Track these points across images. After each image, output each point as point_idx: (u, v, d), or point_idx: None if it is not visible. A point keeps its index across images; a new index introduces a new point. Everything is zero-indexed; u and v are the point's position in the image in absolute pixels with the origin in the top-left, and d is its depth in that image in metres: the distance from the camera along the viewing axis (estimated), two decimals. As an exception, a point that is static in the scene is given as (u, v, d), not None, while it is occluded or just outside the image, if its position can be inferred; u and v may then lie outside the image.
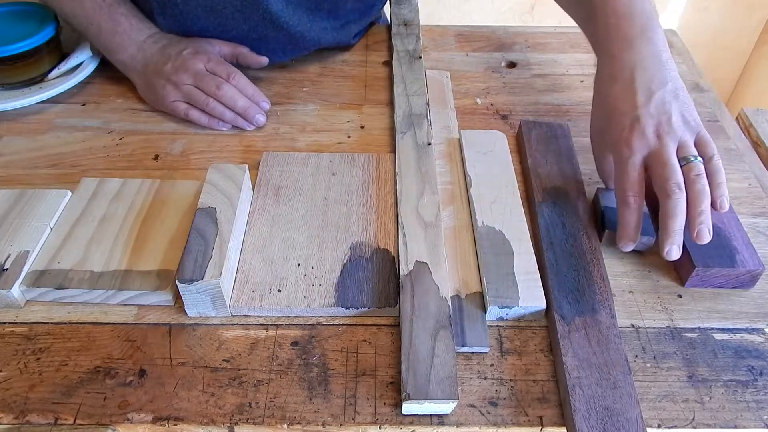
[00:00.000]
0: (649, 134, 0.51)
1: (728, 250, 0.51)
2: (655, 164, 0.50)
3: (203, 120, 0.67)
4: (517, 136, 0.66)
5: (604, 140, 0.56)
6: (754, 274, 0.50)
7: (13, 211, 0.54)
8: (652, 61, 0.54)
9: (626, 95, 0.53)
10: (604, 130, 0.56)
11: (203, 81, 0.66)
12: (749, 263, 0.50)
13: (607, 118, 0.55)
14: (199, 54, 0.67)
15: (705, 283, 0.51)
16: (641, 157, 0.51)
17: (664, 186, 0.48)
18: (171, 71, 0.66)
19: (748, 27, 1.59)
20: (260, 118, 0.67)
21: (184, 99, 0.67)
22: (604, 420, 0.41)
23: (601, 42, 0.58)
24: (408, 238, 0.52)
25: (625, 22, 0.56)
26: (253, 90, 0.67)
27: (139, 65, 0.69)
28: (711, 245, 0.51)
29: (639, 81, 0.53)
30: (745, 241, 0.52)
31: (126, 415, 0.42)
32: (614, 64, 0.55)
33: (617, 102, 0.54)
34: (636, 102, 0.52)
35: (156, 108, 0.70)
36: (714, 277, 0.51)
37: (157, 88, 0.67)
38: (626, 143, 0.51)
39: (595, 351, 0.45)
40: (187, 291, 0.46)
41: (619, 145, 0.52)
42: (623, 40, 0.55)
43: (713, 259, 0.50)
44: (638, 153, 0.51)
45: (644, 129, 0.51)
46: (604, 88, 0.56)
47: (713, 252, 0.51)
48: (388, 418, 0.43)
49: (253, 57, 0.71)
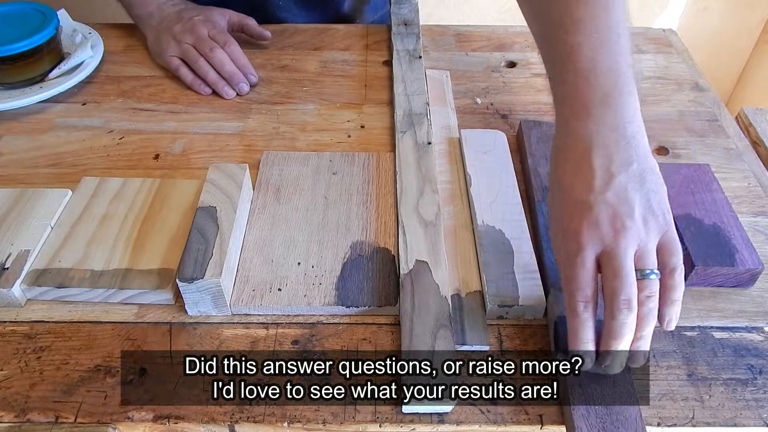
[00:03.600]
0: (604, 227, 0.42)
1: (728, 249, 0.51)
2: (606, 269, 0.41)
3: (188, 78, 0.72)
4: (517, 136, 0.66)
5: (554, 232, 0.46)
6: (753, 273, 0.50)
7: (14, 211, 0.54)
8: (613, 136, 0.44)
9: (580, 176, 0.44)
10: (555, 219, 0.46)
11: (201, 43, 0.72)
12: (749, 262, 0.50)
13: (558, 205, 0.45)
14: (207, 21, 0.74)
15: (704, 282, 0.51)
16: (594, 254, 0.42)
17: (612, 300, 0.40)
18: (179, 31, 0.74)
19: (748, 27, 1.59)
20: (244, 87, 0.72)
21: (179, 55, 0.73)
22: (603, 418, 0.41)
23: (557, 102, 0.48)
24: (408, 237, 0.52)
25: (586, 83, 0.45)
26: (244, 60, 0.73)
27: (155, 22, 0.76)
28: (710, 244, 0.51)
29: (596, 160, 0.43)
30: (744, 240, 0.52)
31: (127, 414, 0.43)
32: (568, 135, 0.45)
33: (568, 184, 0.44)
34: (591, 185, 0.43)
35: (156, 60, 0.76)
36: (713, 276, 0.51)
37: (162, 42, 0.74)
38: (575, 236, 0.42)
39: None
40: (188, 290, 0.46)
41: (566, 237, 0.43)
42: (581, 106, 0.45)
43: (713, 258, 0.50)
44: (590, 248, 0.42)
45: (597, 219, 0.42)
46: (555, 165, 0.46)
47: (713, 251, 0.51)
48: (389, 417, 0.43)
49: (258, 29, 0.78)
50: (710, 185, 0.57)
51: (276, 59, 0.78)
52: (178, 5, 0.77)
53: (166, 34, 0.74)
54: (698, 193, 0.56)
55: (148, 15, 0.76)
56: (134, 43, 0.80)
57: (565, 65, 0.46)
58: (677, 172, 0.58)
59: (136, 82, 0.74)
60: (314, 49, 0.80)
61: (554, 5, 0.48)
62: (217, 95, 0.72)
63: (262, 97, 0.72)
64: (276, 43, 0.81)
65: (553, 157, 0.47)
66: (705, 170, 0.58)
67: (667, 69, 0.78)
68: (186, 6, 0.78)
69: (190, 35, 0.73)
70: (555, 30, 0.47)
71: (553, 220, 0.46)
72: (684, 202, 0.55)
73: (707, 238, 0.52)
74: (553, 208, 0.46)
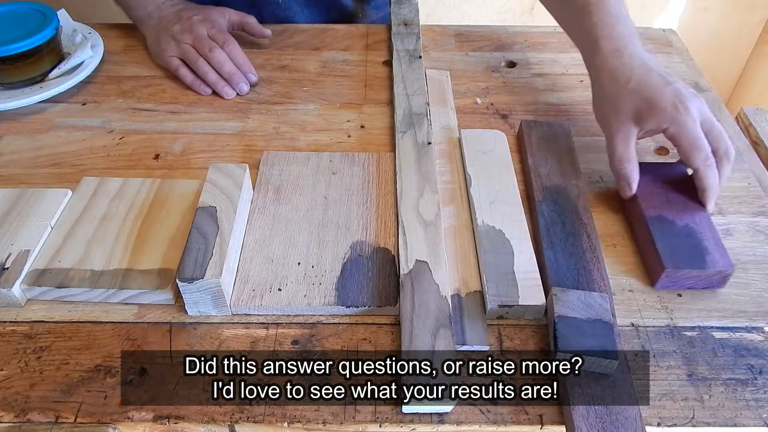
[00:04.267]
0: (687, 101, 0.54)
1: (699, 250, 0.51)
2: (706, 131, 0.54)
3: (188, 78, 0.72)
4: (518, 136, 0.66)
5: (642, 115, 0.56)
6: (724, 274, 0.50)
7: (14, 211, 0.54)
8: (653, 57, 0.59)
9: (649, 75, 0.56)
10: (639, 108, 0.56)
11: (200, 43, 0.73)
12: (719, 264, 0.49)
13: (640, 97, 0.56)
14: (206, 21, 0.74)
15: (675, 285, 0.51)
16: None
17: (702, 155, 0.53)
18: (178, 31, 0.74)
19: (748, 27, 1.59)
20: (243, 87, 0.72)
21: (179, 56, 0.73)
22: (602, 418, 0.41)
23: (600, 39, 0.60)
24: (408, 237, 0.52)
25: (620, 24, 0.61)
26: (243, 60, 0.73)
27: (153, 22, 0.76)
28: (682, 246, 0.51)
29: (653, 66, 0.57)
30: (716, 240, 0.51)
31: (127, 414, 0.43)
32: (622, 55, 0.58)
33: (645, 80, 0.56)
34: (666, 80, 0.56)
35: (156, 60, 0.76)
36: (684, 278, 0.50)
37: (162, 43, 0.74)
38: (685, 109, 0.53)
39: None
40: (188, 290, 0.46)
41: (675, 111, 0.54)
42: (623, 39, 0.59)
43: (683, 261, 0.50)
44: (697, 120, 0.54)
45: (687, 102, 0.54)
46: (623, 74, 0.58)
47: (684, 253, 0.50)
48: (389, 417, 0.43)
49: (259, 28, 0.78)
50: (685, 186, 0.56)
51: (276, 59, 0.78)
52: (177, 5, 0.77)
53: (166, 34, 0.74)
54: (672, 194, 0.55)
55: (147, 15, 0.77)
56: (134, 43, 0.80)
57: (601, 11, 0.61)
58: (652, 171, 0.57)
59: (136, 82, 0.74)
60: (314, 49, 0.80)
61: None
62: (217, 95, 0.72)
63: (262, 97, 0.72)
64: (276, 43, 0.81)
65: (616, 69, 0.58)
66: (681, 171, 0.58)
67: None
68: (185, 6, 0.78)
69: (189, 35, 0.73)
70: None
71: (633, 109, 0.56)
72: (657, 203, 0.54)
73: (679, 240, 0.51)
74: (630, 102, 0.56)
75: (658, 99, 0.54)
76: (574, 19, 0.65)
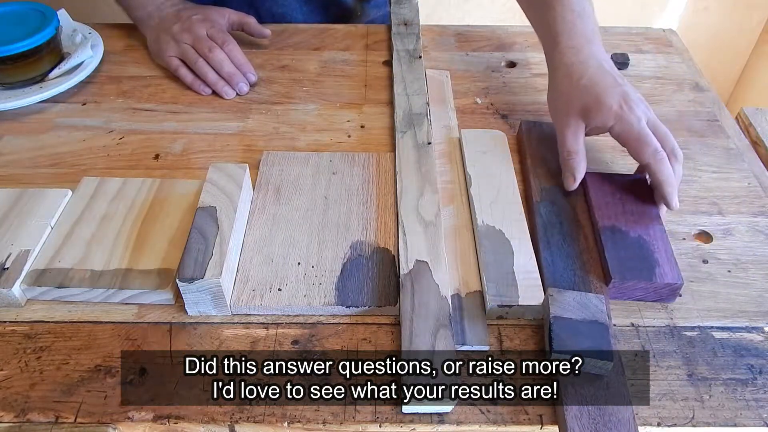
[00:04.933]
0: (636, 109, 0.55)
1: (649, 262, 0.50)
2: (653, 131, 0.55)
3: (188, 78, 0.72)
4: (518, 136, 0.66)
5: (590, 112, 0.57)
6: (673, 287, 0.49)
7: (14, 211, 0.54)
8: (607, 58, 0.60)
9: (603, 75, 0.57)
10: (588, 104, 0.57)
11: (200, 43, 0.73)
12: (668, 277, 0.49)
13: (590, 94, 0.57)
14: (206, 21, 0.75)
15: (624, 295, 0.50)
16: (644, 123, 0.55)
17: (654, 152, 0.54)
18: (177, 31, 0.74)
19: (748, 27, 1.59)
20: (243, 87, 0.72)
21: (179, 56, 0.73)
22: (595, 419, 0.41)
23: (560, 35, 0.61)
24: (408, 237, 0.52)
25: (581, 20, 0.62)
26: (243, 59, 0.73)
27: (154, 22, 0.76)
28: (632, 257, 0.50)
29: (609, 69, 0.58)
30: (668, 254, 0.51)
31: (127, 414, 0.43)
32: (580, 53, 0.59)
33: (597, 79, 0.57)
34: (616, 81, 0.57)
35: (155, 60, 0.76)
36: (632, 290, 0.50)
37: (161, 43, 0.74)
38: (630, 109, 0.55)
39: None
40: (188, 290, 0.46)
41: (620, 110, 0.55)
42: (582, 37, 0.61)
43: (631, 272, 0.49)
44: (642, 119, 0.55)
45: (632, 103, 0.55)
46: (577, 71, 0.58)
47: (633, 264, 0.50)
48: (389, 417, 0.43)
49: (258, 28, 0.78)
50: (643, 198, 0.55)
51: (276, 59, 0.78)
52: (176, 5, 0.77)
53: (165, 34, 0.74)
54: (628, 204, 0.55)
55: (148, 16, 0.77)
56: (134, 43, 0.80)
57: (563, 6, 0.62)
58: (612, 181, 0.57)
59: (136, 82, 0.74)
60: (314, 49, 0.80)
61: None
62: (217, 95, 0.72)
63: (262, 97, 0.72)
64: (276, 43, 0.81)
65: (570, 66, 0.59)
66: (641, 183, 0.57)
67: (667, 69, 0.78)
68: (185, 6, 0.78)
69: (189, 35, 0.73)
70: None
71: (581, 108, 0.57)
72: (612, 213, 0.54)
73: (629, 251, 0.51)
74: (579, 100, 0.57)
75: (605, 97, 0.55)
76: (539, 13, 0.67)
